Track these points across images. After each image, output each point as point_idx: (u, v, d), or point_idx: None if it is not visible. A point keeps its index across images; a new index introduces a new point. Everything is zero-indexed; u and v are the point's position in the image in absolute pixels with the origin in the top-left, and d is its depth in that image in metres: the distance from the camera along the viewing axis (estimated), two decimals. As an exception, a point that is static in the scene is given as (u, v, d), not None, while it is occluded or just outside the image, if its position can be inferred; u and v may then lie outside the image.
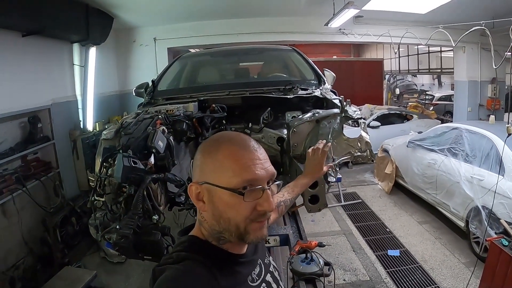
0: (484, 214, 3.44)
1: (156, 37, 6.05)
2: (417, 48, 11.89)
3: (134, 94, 3.16)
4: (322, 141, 1.41)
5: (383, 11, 5.37)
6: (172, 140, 1.91)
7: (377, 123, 7.16)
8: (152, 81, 3.02)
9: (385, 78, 13.46)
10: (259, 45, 5.42)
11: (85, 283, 3.13)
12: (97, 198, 1.70)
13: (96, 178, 1.71)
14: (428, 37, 4.92)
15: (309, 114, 2.21)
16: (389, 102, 13.48)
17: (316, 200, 1.84)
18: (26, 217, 3.54)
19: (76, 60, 4.67)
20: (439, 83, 15.37)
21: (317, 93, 2.60)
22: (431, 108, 10.93)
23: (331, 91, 2.84)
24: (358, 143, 2.19)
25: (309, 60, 3.29)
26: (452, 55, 7.72)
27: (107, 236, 1.55)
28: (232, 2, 5.13)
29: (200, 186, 0.77)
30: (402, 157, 5.40)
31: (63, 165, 4.21)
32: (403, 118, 8.06)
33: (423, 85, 15.53)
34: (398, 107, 10.52)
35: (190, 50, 6.44)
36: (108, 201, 1.64)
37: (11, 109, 3.49)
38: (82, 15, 4.34)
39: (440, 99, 12.06)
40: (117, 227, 1.49)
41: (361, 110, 7.74)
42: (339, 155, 2.14)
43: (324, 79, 3.00)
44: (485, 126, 4.15)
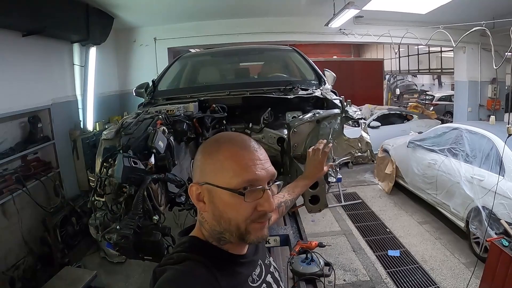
0: (484, 214, 3.44)
1: (156, 37, 6.05)
2: (417, 48, 11.90)
3: (134, 94, 3.16)
4: (323, 141, 1.40)
5: (383, 11, 5.36)
6: (172, 140, 1.91)
7: (377, 123, 7.17)
8: (152, 81, 3.02)
9: (385, 78, 13.46)
10: (259, 45, 5.42)
11: (85, 283, 3.13)
12: (97, 198, 1.70)
13: (97, 178, 1.71)
14: (429, 38, 4.92)
15: (309, 115, 2.21)
16: (389, 102, 13.47)
17: (316, 200, 1.84)
18: (26, 217, 3.54)
19: (76, 60, 4.67)
20: (439, 83, 15.37)
21: (318, 93, 2.60)
22: (431, 108, 10.92)
23: (331, 91, 2.83)
24: (359, 144, 2.18)
25: (309, 60, 3.28)
26: (452, 55, 7.71)
27: (108, 236, 1.55)
28: (232, 2, 5.13)
29: (201, 187, 0.77)
30: (402, 157, 5.40)
31: (63, 165, 4.21)
32: (403, 118, 8.06)
33: (423, 85, 15.54)
34: (398, 107, 10.51)
35: (190, 50, 6.44)
36: (109, 201, 1.64)
37: (11, 109, 3.49)
38: (82, 15, 4.35)
39: (440, 99, 12.05)
40: (118, 227, 1.49)
41: (361, 110, 7.71)
42: (340, 155, 2.13)
43: (325, 79, 2.99)
44: (485, 127, 4.14)
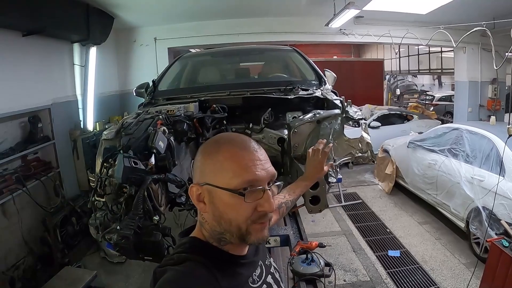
0: (484, 214, 3.44)
1: (156, 37, 6.05)
2: (418, 48, 11.90)
3: (135, 94, 3.16)
4: (322, 141, 1.39)
5: (383, 12, 5.36)
6: (172, 140, 1.91)
7: (377, 124, 7.16)
8: (152, 81, 3.02)
9: (385, 79, 13.46)
10: (259, 45, 5.42)
11: (85, 283, 3.13)
12: (97, 198, 1.70)
13: (97, 178, 1.71)
14: (429, 38, 4.92)
15: (310, 115, 2.21)
16: (390, 102, 13.47)
17: (317, 201, 1.83)
18: (26, 217, 3.54)
19: (76, 60, 4.67)
20: (440, 84, 15.36)
21: (318, 93, 2.59)
22: (432, 109, 10.91)
23: (332, 91, 2.83)
24: (359, 144, 2.18)
25: (309, 61, 3.28)
26: (452, 56, 7.70)
27: (108, 237, 1.55)
28: (232, 2, 5.13)
29: (201, 187, 0.77)
30: (402, 157, 5.40)
31: (63, 165, 4.20)
32: (403, 118, 8.06)
33: (423, 86, 15.53)
34: (398, 108, 10.51)
35: (191, 50, 6.44)
36: (109, 201, 1.65)
37: (11, 109, 3.49)
38: (83, 15, 4.35)
39: (441, 99, 12.05)
40: (118, 227, 1.49)
41: (361, 110, 7.72)
42: (340, 155, 2.13)
43: (325, 79, 2.99)
44: (485, 127, 4.14)
